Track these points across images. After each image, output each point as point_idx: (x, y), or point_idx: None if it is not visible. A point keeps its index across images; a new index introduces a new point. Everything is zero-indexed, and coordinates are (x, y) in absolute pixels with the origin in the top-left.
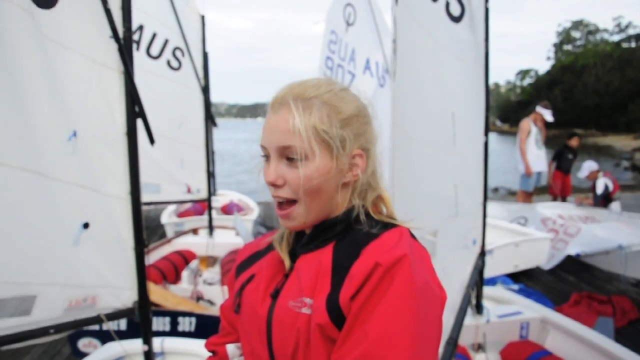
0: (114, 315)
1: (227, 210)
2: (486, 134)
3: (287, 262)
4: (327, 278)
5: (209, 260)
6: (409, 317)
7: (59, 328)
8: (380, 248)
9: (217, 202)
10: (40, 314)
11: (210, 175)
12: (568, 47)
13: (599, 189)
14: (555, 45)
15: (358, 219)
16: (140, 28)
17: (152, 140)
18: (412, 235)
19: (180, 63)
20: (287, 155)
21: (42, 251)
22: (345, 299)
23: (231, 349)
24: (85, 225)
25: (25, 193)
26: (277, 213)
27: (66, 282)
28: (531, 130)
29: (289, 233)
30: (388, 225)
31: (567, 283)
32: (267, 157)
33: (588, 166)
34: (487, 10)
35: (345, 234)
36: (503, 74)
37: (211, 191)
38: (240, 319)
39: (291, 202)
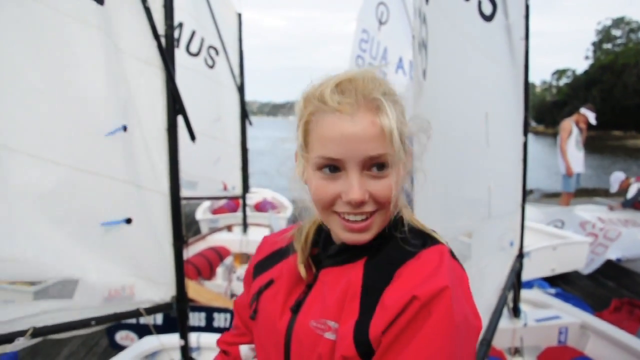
0: (152, 310)
1: (260, 207)
2: (525, 135)
3: (303, 273)
4: (355, 301)
5: (243, 257)
6: (445, 356)
7: (100, 320)
8: (418, 273)
9: (251, 199)
10: (81, 300)
11: (245, 172)
12: (608, 45)
13: (631, 193)
14: (594, 44)
15: (396, 227)
16: (180, 25)
17: (192, 137)
18: (452, 254)
19: (214, 61)
20: (376, 165)
21: (82, 240)
22: (376, 332)
23: (245, 350)
24: (128, 221)
25: (67, 185)
26: (350, 227)
27: (104, 269)
28: (572, 131)
29: (312, 234)
30: (427, 241)
31: (607, 288)
32: (334, 168)
33: (616, 178)
34: (527, 7)
35: (379, 248)
36: (538, 73)
37: (246, 189)
38: (256, 326)
39: (371, 212)
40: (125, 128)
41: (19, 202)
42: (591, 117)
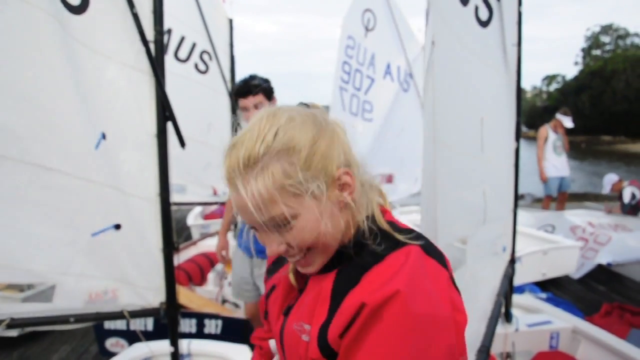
0: (137, 314)
1: None
2: (517, 140)
3: (292, 280)
4: (325, 305)
5: None
6: (402, 357)
7: (79, 318)
8: (378, 278)
9: None
10: (61, 303)
11: None
12: (597, 52)
13: (626, 198)
14: (583, 50)
15: (370, 231)
16: (169, 32)
17: (182, 144)
18: (427, 251)
19: (207, 66)
20: (274, 224)
21: (62, 243)
22: (334, 336)
23: (274, 345)
24: (117, 227)
25: (49, 190)
26: (296, 265)
27: (83, 272)
28: (548, 137)
29: None
30: (398, 243)
31: (598, 293)
32: (255, 228)
33: (609, 180)
34: (520, 14)
35: (355, 253)
36: (529, 79)
37: None
38: (269, 326)
39: (304, 252)
40: (104, 135)
41: (4, 206)
42: (566, 121)
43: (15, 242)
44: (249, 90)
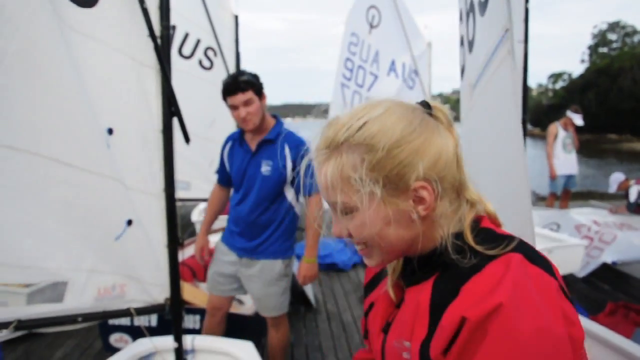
0: (143, 310)
1: None
2: (523, 138)
3: (391, 294)
4: (424, 319)
5: None
6: None
7: (87, 317)
8: (477, 290)
9: None
10: (71, 301)
11: None
12: (604, 49)
13: (632, 197)
14: (590, 47)
15: (464, 238)
16: (173, 28)
17: (187, 139)
18: (531, 259)
19: (212, 63)
20: (338, 209)
21: (75, 239)
22: (436, 353)
23: None
24: (129, 222)
25: (63, 185)
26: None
27: (94, 268)
28: (558, 134)
29: None
30: (497, 251)
31: (602, 292)
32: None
33: (615, 179)
34: (527, 11)
35: (449, 262)
36: (535, 77)
37: None
38: (370, 345)
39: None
40: (111, 130)
41: (23, 203)
42: (577, 118)
43: (31, 241)
44: (238, 87)
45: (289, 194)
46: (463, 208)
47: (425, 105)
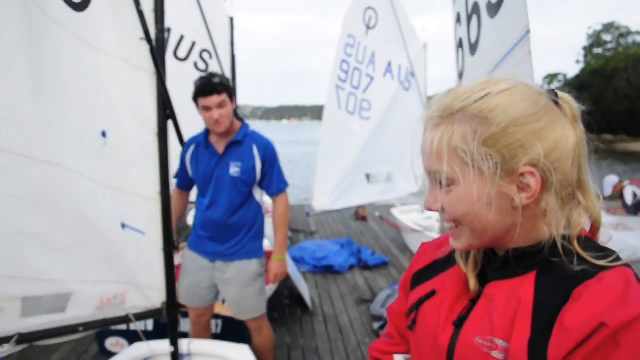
0: (142, 316)
1: None
2: None
3: (473, 286)
4: (527, 319)
5: None
6: None
7: (88, 326)
8: (603, 297)
9: None
10: (73, 312)
11: None
12: (598, 50)
13: (628, 199)
14: (585, 48)
15: (556, 252)
16: (168, 30)
17: (182, 142)
18: (638, 278)
19: (207, 65)
20: (438, 180)
21: (76, 248)
22: (556, 355)
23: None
24: (123, 226)
25: (56, 190)
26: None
27: (98, 278)
28: None
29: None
30: (608, 261)
31: None
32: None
33: (609, 182)
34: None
35: (550, 261)
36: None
37: None
38: (415, 337)
39: (457, 222)
40: (104, 134)
41: (33, 214)
42: None
43: (38, 253)
44: (214, 89)
45: (257, 194)
46: (576, 211)
47: (553, 93)
